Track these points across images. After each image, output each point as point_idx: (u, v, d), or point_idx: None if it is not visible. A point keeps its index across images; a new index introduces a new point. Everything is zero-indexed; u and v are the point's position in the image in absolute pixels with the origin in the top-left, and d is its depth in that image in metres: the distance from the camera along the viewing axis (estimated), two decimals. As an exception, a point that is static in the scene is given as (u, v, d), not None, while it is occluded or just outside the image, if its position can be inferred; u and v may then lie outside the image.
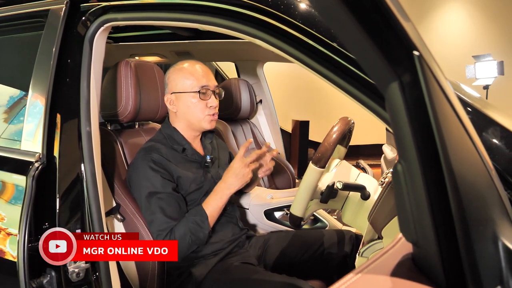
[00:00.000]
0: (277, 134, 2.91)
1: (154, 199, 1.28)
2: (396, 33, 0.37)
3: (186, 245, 1.26)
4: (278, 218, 1.80)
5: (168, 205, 1.29)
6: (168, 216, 1.27)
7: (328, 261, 1.46)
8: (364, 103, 0.77)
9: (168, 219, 1.26)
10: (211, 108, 1.40)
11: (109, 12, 1.16)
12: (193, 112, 1.40)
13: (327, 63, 0.81)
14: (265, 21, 0.89)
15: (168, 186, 1.31)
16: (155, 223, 1.26)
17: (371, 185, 1.29)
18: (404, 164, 0.42)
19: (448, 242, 0.41)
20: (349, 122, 1.27)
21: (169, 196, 1.30)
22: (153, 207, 1.27)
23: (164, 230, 1.25)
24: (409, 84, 0.39)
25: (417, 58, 0.38)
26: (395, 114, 0.40)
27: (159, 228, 1.26)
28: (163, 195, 1.29)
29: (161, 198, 1.28)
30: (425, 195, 0.41)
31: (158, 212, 1.26)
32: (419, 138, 0.40)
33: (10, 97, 1.28)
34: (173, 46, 2.45)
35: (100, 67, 1.21)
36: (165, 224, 1.26)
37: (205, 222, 1.29)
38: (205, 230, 1.29)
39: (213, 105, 1.40)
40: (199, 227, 1.28)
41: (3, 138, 1.24)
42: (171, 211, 1.28)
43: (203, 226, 1.29)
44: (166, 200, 1.29)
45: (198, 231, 1.28)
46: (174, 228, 1.26)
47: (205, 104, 1.39)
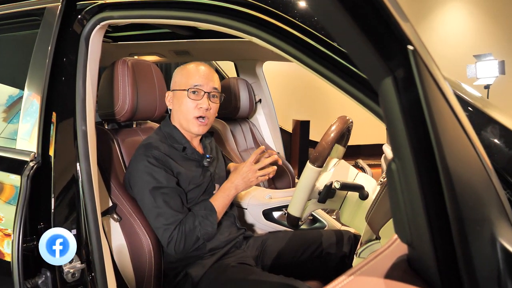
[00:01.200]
0: (277, 133, 2.89)
1: (158, 194, 1.26)
2: (389, 26, 0.35)
3: (195, 239, 1.26)
4: (277, 218, 1.79)
5: (173, 199, 1.28)
6: (174, 210, 1.26)
7: (326, 262, 1.45)
8: (363, 102, 0.75)
9: (175, 212, 1.26)
10: (200, 110, 1.37)
11: (105, 10, 1.15)
12: (183, 111, 1.39)
13: (326, 62, 0.80)
14: (263, 19, 0.88)
15: (171, 181, 1.30)
16: (161, 217, 1.25)
17: (370, 185, 1.28)
18: (398, 162, 0.40)
19: (443, 243, 0.40)
20: (347, 121, 1.26)
21: (173, 190, 1.29)
22: (158, 202, 1.26)
23: (172, 224, 1.24)
24: (403, 79, 0.37)
25: (411, 53, 0.36)
26: (389, 110, 0.39)
27: (167, 222, 1.24)
28: (168, 190, 1.28)
29: (165, 193, 1.27)
30: (420, 194, 0.39)
31: (164, 206, 1.25)
32: (413, 136, 0.39)
33: (6, 96, 1.27)
34: (172, 45, 2.44)
35: (96, 66, 1.20)
36: (172, 217, 1.25)
37: (214, 216, 1.30)
38: (214, 224, 1.29)
39: (203, 106, 1.37)
40: (208, 221, 1.28)
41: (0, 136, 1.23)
42: (176, 205, 1.28)
43: (212, 220, 1.29)
44: (171, 194, 1.28)
45: (207, 224, 1.28)
46: (183, 221, 1.26)
47: (195, 104, 1.37)
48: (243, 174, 1.33)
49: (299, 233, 1.55)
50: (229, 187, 1.35)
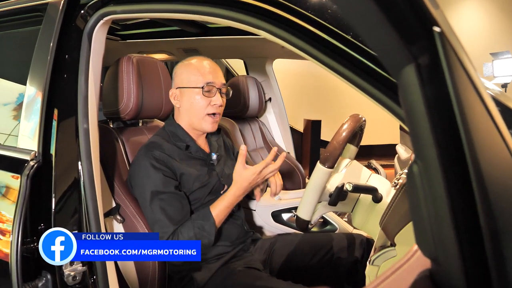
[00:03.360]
0: (287, 133, 2.83)
1: (156, 200, 1.23)
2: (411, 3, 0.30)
3: None
4: (286, 220, 1.74)
5: (170, 205, 1.23)
6: (170, 218, 1.22)
7: (337, 267, 1.40)
8: (379, 100, 0.69)
9: (169, 222, 1.22)
10: (214, 107, 1.34)
11: (108, 4, 1.11)
12: (195, 109, 1.34)
13: (339, 57, 0.74)
14: (272, 11, 0.83)
15: (170, 185, 1.25)
16: (157, 225, 1.22)
17: (384, 187, 1.22)
18: (421, 164, 0.35)
19: (475, 259, 0.34)
20: (360, 120, 1.20)
21: (172, 195, 1.25)
22: (155, 208, 1.22)
23: (166, 233, 1.21)
24: (427, 67, 0.32)
25: (438, 36, 0.31)
26: (410, 104, 0.33)
27: (162, 231, 1.21)
28: (165, 195, 1.24)
29: (162, 199, 1.23)
30: (447, 202, 0.33)
31: (160, 214, 1.22)
32: (440, 133, 0.33)
33: (8, 93, 1.24)
34: (181, 43, 2.42)
35: (100, 62, 1.17)
36: (167, 227, 1.21)
37: (212, 228, 1.24)
38: (210, 236, 1.24)
39: (217, 103, 1.33)
40: (204, 232, 1.23)
41: (1, 133, 1.21)
42: (173, 212, 1.23)
43: (209, 232, 1.24)
44: (168, 200, 1.24)
45: (204, 236, 1.23)
46: (178, 231, 1.22)
47: (208, 101, 1.33)
48: (247, 179, 1.26)
49: (309, 236, 1.50)
50: (231, 193, 1.28)
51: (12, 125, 1.16)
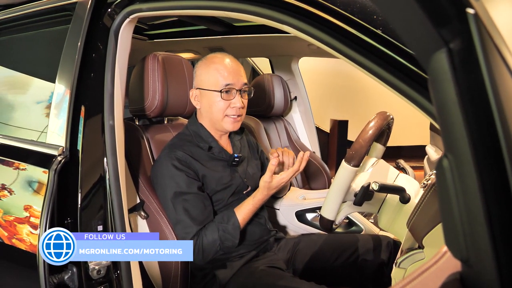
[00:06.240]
0: (313, 132, 2.80)
1: (179, 200, 1.23)
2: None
3: (213, 251, 1.22)
4: (310, 220, 1.71)
5: (194, 206, 1.23)
6: (193, 219, 1.22)
7: (362, 269, 1.36)
8: (408, 96, 0.66)
9: (192, 223, 1.22)
10: (234, 109, 1.31)
11: (134, 2, 1.13)
12: (214, 111, 1.32)
13: (368, 53, 0.71)
14: (299, 6, 0.81)
15: (193, 186, 1.25)
16: (180, 225, 1.22)
17: (412, 187, 1.17)
18: (451, 158, 0.32)
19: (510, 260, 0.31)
20: (387, 117, 1.16)
21: (195, 196, 1.24)
22: (178, 209, 1.22)
23: (189, 234, 1.21)
24: (460, 52, 0.29)
25: (472, 18, 0.28)
26: (441, 93, 0.31)
27: (185, 231, 1.21)
28: (188, 196, 1.23)
29: (186, 200, 1.23)
30: (480, 199, 0.31)
31: (183, 215, 1.22)
32: (473, 126, 0.30)
33: (42, 91, 1.28)
34: (207, 42, 2.43)
35: (125, 60, 1.18)
36: (190, 228, 1.21)
37: (236, 231, 1.24)
38: (235, 239, 1.23)
39: (237, 105, 1.30)
40: (230, 236, 1.23)
41: (32, 130, 1.25)
42: (197, 213, 1.23)
43: (234, 235, 1.23)
44: (191, 201, 1.23)
45: (228, 239, 1.23)
46: (203, 233, 1.21)
47: (227, 104, 1.30)
48: (274, 187, 1.26)
49: (334, 236, 1.46)
50: (257, 199, 1.28)
51: (45, 123, 1.19)
